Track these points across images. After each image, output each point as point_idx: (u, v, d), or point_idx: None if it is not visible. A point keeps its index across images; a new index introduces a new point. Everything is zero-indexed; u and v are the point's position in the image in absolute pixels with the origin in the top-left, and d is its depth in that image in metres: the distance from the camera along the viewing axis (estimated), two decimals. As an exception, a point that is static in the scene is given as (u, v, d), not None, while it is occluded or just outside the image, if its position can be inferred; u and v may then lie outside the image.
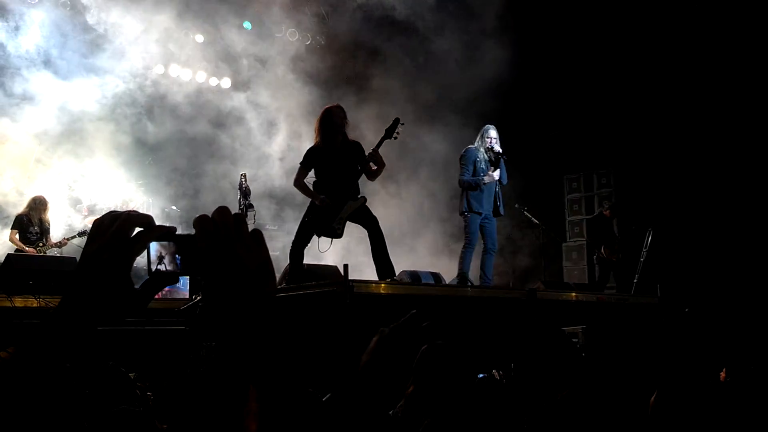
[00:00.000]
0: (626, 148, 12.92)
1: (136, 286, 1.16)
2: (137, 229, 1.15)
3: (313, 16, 12.90)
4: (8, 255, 7.84)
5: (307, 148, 7.96)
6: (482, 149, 9.00)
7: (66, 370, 1.11)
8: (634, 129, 12.52)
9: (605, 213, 11.89)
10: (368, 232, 7.72)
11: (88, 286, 1.12)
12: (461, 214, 9.09)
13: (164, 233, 1.17)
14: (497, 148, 8.94)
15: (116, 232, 1.14)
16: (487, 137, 9.02)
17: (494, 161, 8.97)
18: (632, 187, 13.15)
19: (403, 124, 7.92)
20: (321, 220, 7.56)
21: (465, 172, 8.93)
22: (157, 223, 1.17)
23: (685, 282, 10.55)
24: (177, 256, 1.17)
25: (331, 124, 7.65)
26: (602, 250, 11.46)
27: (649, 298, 9.55)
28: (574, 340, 7.60)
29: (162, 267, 1.17)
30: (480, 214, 8.91)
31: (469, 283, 8.63)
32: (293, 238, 7.80)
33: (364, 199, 7.73)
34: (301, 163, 7.84)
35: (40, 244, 9.85)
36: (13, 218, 10.00)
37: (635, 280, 10.79)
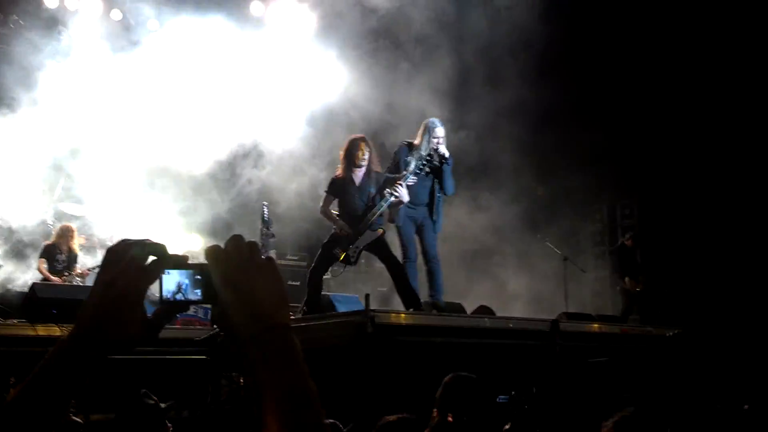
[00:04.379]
0: (650, 180, 12.83)
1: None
2: (151, 258, 1.16)
3: None
4: (33, 284, 7.92)
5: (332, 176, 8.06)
6: (422, 150, 7.65)
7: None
8: (659, 161, 12.44)
9: (627, 243, 11.77)
10: (385, 265, 7.83)
11: (101, 314, 1.13)
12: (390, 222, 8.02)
13: (177, 262, 1.17)
14: (442, 150, 7.70)
15: (131, 260, 1.15)
16: (434, 137, 7.67)
17: (436, 167, 7.71)
18: (656, 219, 13.03)
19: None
20: (338, 246, 7.64)
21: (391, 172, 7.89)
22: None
23: (710, 314, 10.40)
24: (189, 284, 1.18)
25: (348, 156, 7.76)
26: (625, 281, 11.34)
27: (673, 330, 9.41)
28: (597, 372, 7.52)
29: (180, 296, 1.18)
30: (410, 219, 7.89)
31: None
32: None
33: (383, 232, 7.78)
34: (325, 191, 7.97)
35: (66, 274, 9.89)
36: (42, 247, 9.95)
37: (660, 312, 10.65)
